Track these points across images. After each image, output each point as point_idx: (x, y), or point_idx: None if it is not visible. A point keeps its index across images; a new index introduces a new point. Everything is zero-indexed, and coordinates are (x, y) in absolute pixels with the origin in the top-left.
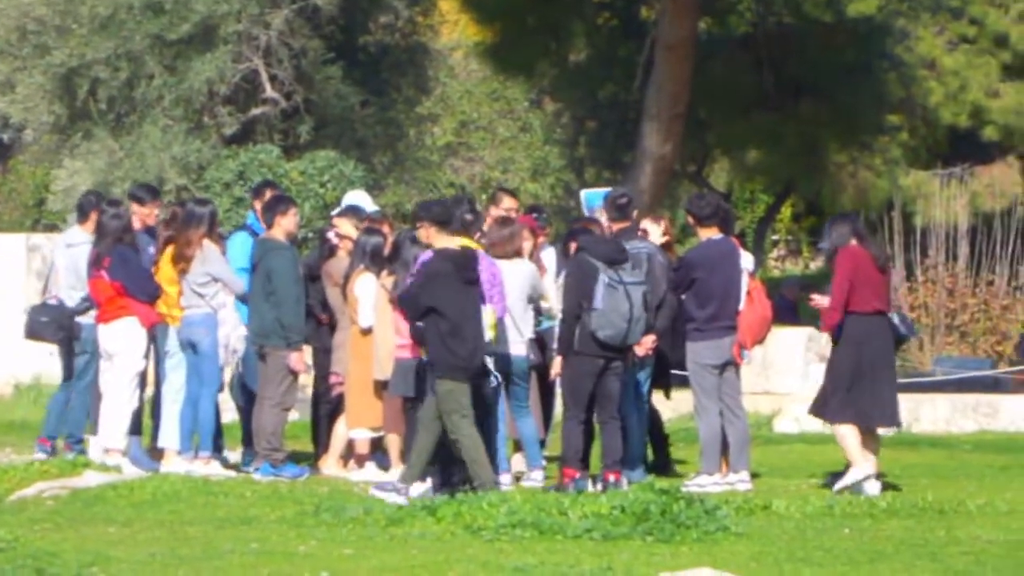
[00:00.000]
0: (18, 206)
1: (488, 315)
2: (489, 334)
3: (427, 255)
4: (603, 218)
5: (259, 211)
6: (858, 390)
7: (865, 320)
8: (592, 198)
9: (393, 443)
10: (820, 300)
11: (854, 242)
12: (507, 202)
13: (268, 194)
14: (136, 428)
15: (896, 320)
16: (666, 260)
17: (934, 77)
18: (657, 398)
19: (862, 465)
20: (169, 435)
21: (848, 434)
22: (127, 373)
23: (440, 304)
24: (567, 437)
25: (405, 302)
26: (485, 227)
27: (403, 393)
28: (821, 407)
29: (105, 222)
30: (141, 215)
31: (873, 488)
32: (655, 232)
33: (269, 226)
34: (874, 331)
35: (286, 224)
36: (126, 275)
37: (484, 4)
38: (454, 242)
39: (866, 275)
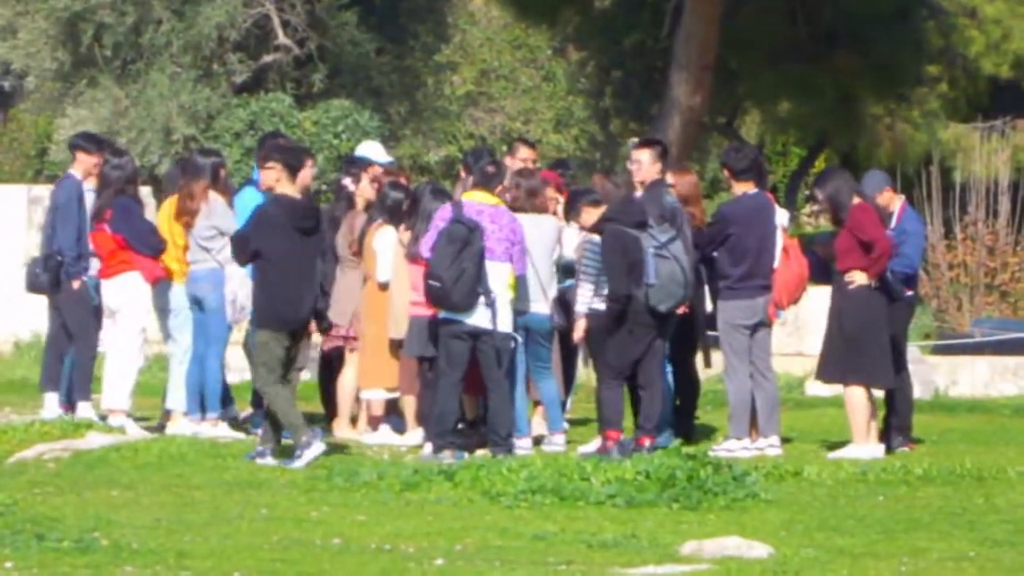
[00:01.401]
0: (19, 156)
1: (506, 273)
2: (508, 293)
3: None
4: (633, 167)
5: None
6: (861, 351)
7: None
8: None
9: (409, 405)
10: (856, 277)
11: (856, 199)
12: (523, 152)
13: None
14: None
15: (890, 279)
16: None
17: (975, 26)
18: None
19: (866, 444)
20: (175, 396)
21: (861, 399)
22: (130, 330)
23: (267, 250)
24: (607, 400)
25: (234, 243)
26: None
27: (419, 353)
28: (822, 370)
29: (107, 173)
30: (87, 165)
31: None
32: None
33: None
34: (878, 291)
35: (302, 177)
36: (128, 228)
37: None
38: (296, 190)
39: None
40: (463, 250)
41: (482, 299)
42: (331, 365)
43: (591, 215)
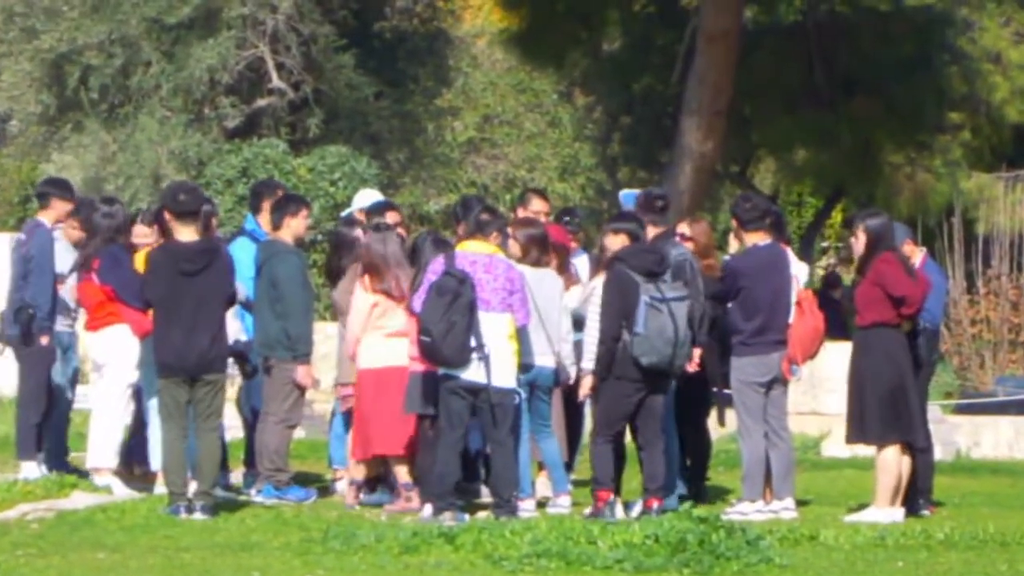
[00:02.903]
0: (2, 203)
1: (505, 324)
2: (509, 345)
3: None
4: None
5: (259, 212)
6: (898, 408)
7: (896, 333)
8: (630, 199)
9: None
10: None
11: (886, 253)
12: (536, 204)
13: (280, 193)
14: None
15: (920, 343)
16: (699, 266)
17: (999, 71)
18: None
19: (887, 508)
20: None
21: (893, 462)
22: (118, 386)
23: (153, 297)
24: (598, 458)
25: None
26: (510, 230)
27: (417, 411)
28: (861, 431)
29: (96, 221)
30: (61, 212)
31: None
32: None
33: (276, 227)
34: (903, 345)
35: (295, 226)
36: (117, 278)
37: None
38: (192, 234)
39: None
40: (453, 303)
41: (488, 353)
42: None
43: (613, 242)
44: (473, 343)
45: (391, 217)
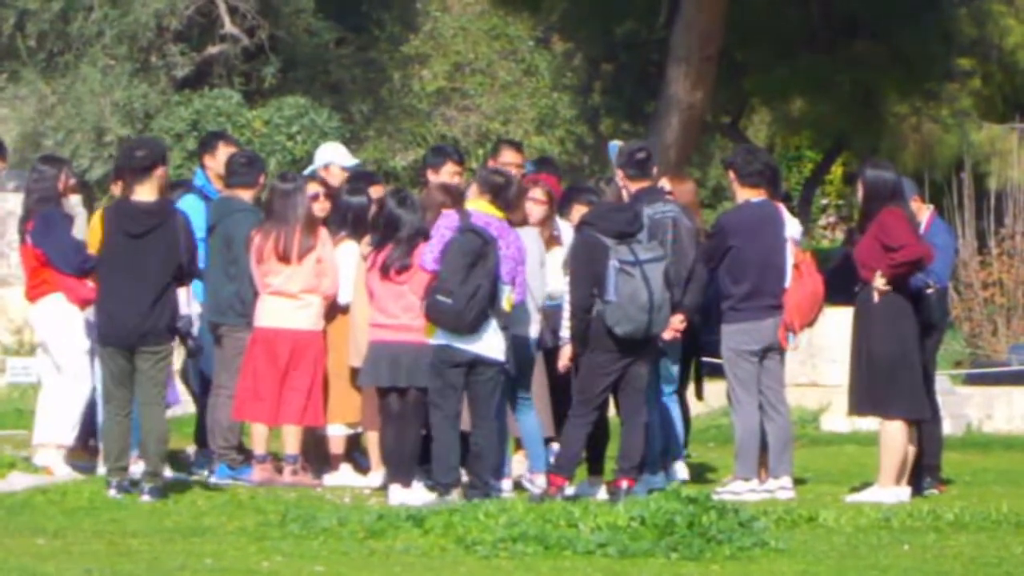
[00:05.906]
0: None
1: (504, 297)
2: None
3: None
4: (619, 176)
5: (208, 167)
6: (907, 377)
7: (898, 297)
8: (615, 149)
9: (373, 442)
10: (877, 283)
11: (890, 206)
12: (508, 156)
13: (222, 148)
14: None
15: (933, 301)
16: (693, 225)
17: (1012, 14)
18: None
19: (892, 487)
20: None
21: (899, 438)
22: (70, 358)
23: (98, 261)
24: (569, 439)
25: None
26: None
27: (372, 383)
28: (861, 401)
29: (28, 182)
30: None
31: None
32: None
33: (230, 187)
34: (910, 310)
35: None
36: (49, 242)
37: None
38: (149, 193)
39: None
40: (476, 264)
41: (493, 323)
42: None
43: (575, 214)
44: (491, 312)
45: (375, 192)
